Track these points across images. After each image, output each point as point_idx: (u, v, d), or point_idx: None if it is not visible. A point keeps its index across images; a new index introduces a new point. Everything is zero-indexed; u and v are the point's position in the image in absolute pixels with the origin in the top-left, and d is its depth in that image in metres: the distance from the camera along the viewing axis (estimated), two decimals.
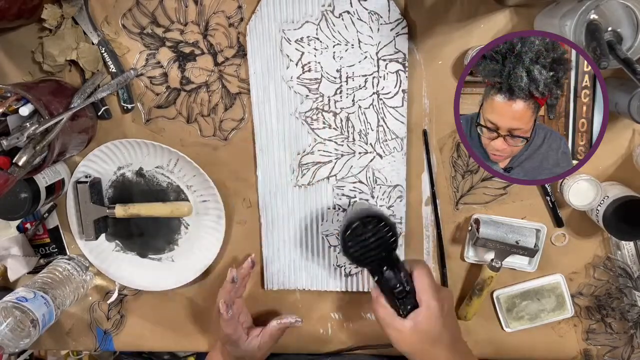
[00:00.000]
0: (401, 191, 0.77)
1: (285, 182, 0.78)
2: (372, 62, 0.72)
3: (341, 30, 0.72)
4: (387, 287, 0.64)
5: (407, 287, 0.63)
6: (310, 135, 0.76)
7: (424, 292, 0.63)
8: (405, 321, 0.62)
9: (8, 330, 0.72)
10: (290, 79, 0.74)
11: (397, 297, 0.63)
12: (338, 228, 0.79)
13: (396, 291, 0.63)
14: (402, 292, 0.63)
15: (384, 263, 0.64)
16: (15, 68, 0.79)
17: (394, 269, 0.64)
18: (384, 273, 0.64)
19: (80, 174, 0.81)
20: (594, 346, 0.81)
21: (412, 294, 0.63)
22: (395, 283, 0.63)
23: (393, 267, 0.64)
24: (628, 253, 0.77)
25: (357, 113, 0.75)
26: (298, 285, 0.83)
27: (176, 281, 0.84)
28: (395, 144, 0.75)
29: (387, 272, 0.64)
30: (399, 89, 0.73)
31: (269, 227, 0.81)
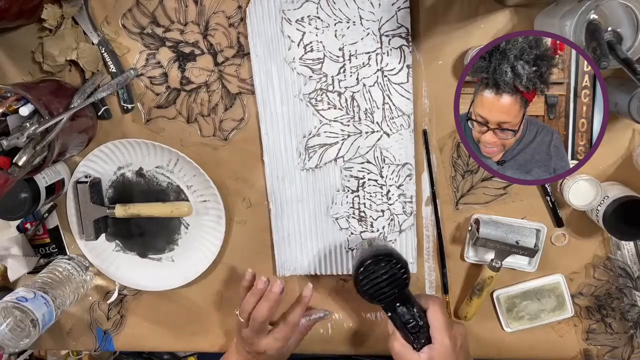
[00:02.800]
0: (410, 169, 0.76)
1: (292, 166, 0.78)
2: (374, 39, 0.71)
3: (342, 7, 0.71)
4: (400, 322, 0.66)
5: (420, 322, 0.65)
6: (315, 117, 0.76)
7: (437, 331, 0.64)
8: (420, 355, 0.64)
9: (8, 330, 0.72)
10: (292, 60, 0.74)
11: (411, 331, 0.65)
12: (348, 211, 0.78)
13: (409, 326, 0.65)
14: (416, 326, 0.65)
15: (397, 300, 0.66)
16: (15, 68, 0.79)
17: (406, 305, 0.66)
18: (396, 309, 0.66)
19: (80, 174, 0.81)
20: (594, 346, 0.81)
21: (425, 328, 0.65)
22: (409, 318, 0.65)
23: (406, 303, 0.66)
24: (628, 253, 0.77)
25: (361, 91, 0.74)
26: (310, 271, 0.82)
27: (176, 281, 0.84)
28: (402, 121, 0.74)
29: (400, 308, 0.66)
30: (403, 65, 0.72)
31: (278, 213, 0.80)
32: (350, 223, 0.79)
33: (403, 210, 0.77)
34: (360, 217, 0.79)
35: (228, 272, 0.85)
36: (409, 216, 0.78)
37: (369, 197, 0.78)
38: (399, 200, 0.77)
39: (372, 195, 0.78)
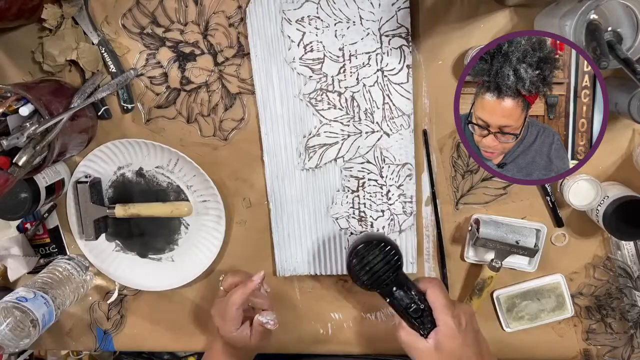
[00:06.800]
0: (410, 169, 0.76)
1: (292, 166, 0.78)
2: (374, 39, 0.72)
3: (342, 7, 0.71)
4: (401, 308, 0.65)
5: (421, 306, 0.64)
6: (315, 117, 0.76)
7: (439, 312, 0.62)
8: (427, 341, 0.62)
9: (8, 330, 0.72)
10: (292, 60, 0.74)
11: (413, 316, 0.64)
12: (348, 211, 0.78)
13: (411, 310, 0.64)
14: (418, 310, 0.64)
15: (392, 284, 0.65)
16: (15, 68, 0.79)
17: (403, 289, 0.65)
18: (394, 294, 0.65)
19: (80, 174, 0.81)
20: (594, 346, 0.81)
21: (428, 311, 0.64)
22: (408, 302, 0.64)
23: (402, 286, 0.65)
24: (628, 253, 0.77)
25: (361, 91, 0.74)
26: (310, 271, 0.82)
27: (176, 281, 0.84)
28: (402, 121, 0.74)
29: (397, 292, 0.65)
30: (403, 65, 0.72)
31: (277, 212, 0.80)
32: (350, 223, 0.79)
33: (403, 210, 0.78)
34: (360, 217, 0.79)
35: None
36: (409, 216, 0.78)
37: (369, 197, 0.78)
38: (399, 200, 0.77)
39: (372, 195, 0.78)
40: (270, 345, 0.77)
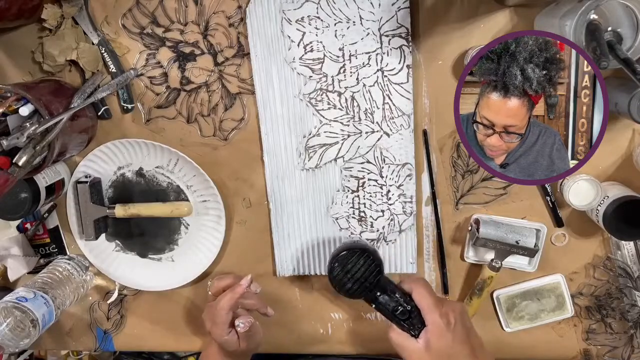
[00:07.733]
0: (410, 169, 0.76)
1: (292, 166, 0.78)
2: (374, 39, 0.72)
3: (342, 7, 0.71)
4: (388, 312, 0.65)
5: (408, 307, 0.64)
6: (315, 117, 0.76)
7: (427, 311, 0.62)
8: (417, 342, 0.62)
9: (8, 330, 0.72)
10: (292, 60, 0.74)
11: (401, 318, 0.64)
12: (348, 211, 0.78)
13: (398, 313, 0.64)
14: (405, 312, 0.64)
15: (375, 289, 0.65)
16: (15, 68, 0.79)
17: (387, 292, 0.65)
18: (378, 299, 0.65)
19: (80, 174, 0.81)
20: (594, 346, 0.81)
21: (416, 312, 0.64)
22: (394, 305, 0.64)
23: (386, 290, 0.65)
24: (628, 253, 0.77)
25: (361, 91, 0.74)
26: (310, 271, 0.82)
27: (176, 281, 0.84)
28: (402, 121, 0.74)
29: (381, 297, 0.65)
30: (403, 65, 0.72)
31: (277, 212, 0.80)
32: (350, 223, 0.79)
33: (403, 210, 0.78)
34: (360, 217, 0.79)
35: (228, 272, 0.84)
36: (409, 216, 0.78)
37: (369, 197, 0.78)
38: (399, 200, 0.77)
39: (372, 195, 0.78)
40: (268, 345, 0.76)
